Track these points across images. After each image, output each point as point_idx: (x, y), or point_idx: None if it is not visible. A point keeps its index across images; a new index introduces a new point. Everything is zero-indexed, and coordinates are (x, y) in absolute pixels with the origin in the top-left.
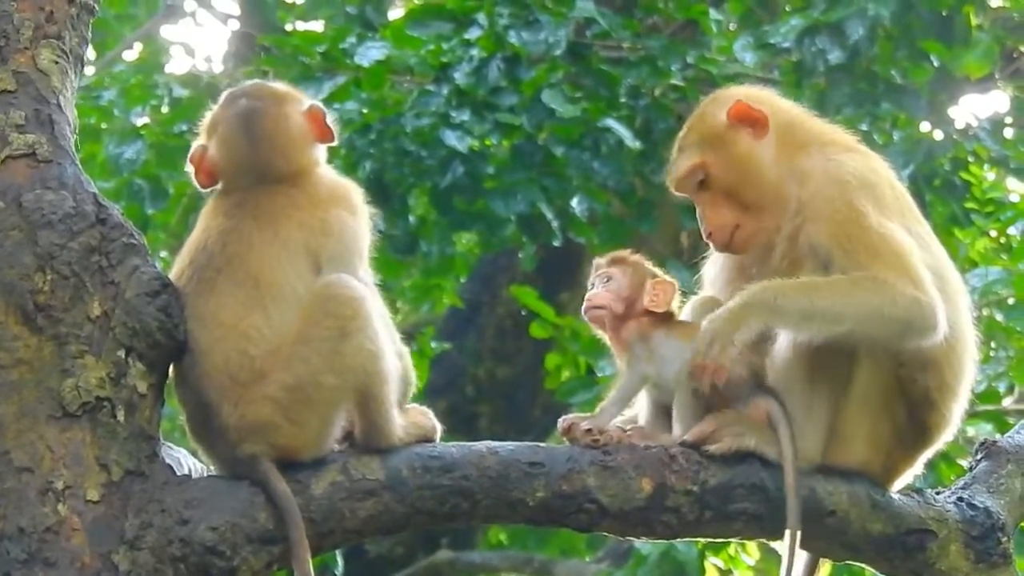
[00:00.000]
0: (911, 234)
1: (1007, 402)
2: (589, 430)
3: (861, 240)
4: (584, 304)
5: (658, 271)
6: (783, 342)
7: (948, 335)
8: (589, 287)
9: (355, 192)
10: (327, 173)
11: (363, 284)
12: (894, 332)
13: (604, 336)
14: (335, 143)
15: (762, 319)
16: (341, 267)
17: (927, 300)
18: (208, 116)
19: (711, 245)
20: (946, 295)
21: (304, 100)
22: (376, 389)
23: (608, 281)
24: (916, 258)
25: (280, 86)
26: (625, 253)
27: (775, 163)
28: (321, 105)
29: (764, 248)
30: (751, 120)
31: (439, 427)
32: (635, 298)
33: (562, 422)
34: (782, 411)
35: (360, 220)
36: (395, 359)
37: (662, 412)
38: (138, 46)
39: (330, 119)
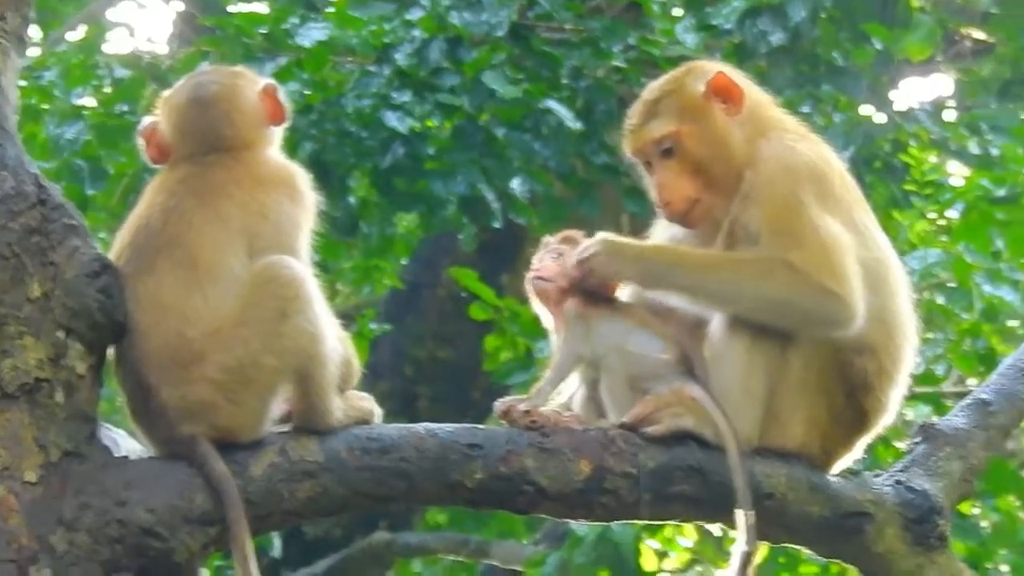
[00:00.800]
0: (855, 226)
1: (946, 385)
2: (527, 412)
3: (791, 227)
4: (530, 273)
5: (577, 234)
6: (718, 320)
7: (887, 321)
8: (535, 261)
9: (300, 178)
10: (275, 156)
11: (300, 265)
12: (794, 320)
13: (543, 311)
14: (287, 124)
15: (646, 279)
16: (273, 254)
17: (842, 292)
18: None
19: (663, 214)
20: (884, 283)
21: (259, 80)
22: (315, 371)
23: (558, 257)
24: (843, 253)
25: (238, 68)
26: (577, 233)
27: (743, 143)
28: (276, 83)
29: (712, 227)
30: (729, 95)
31: (378, 411)
32: (577, 275)
33: (499, 404)
34: (707, 395)
35: (300, 208)
36: (336, 341)
37: (597, 395)
38: (83, 27)
39: (283, 97)
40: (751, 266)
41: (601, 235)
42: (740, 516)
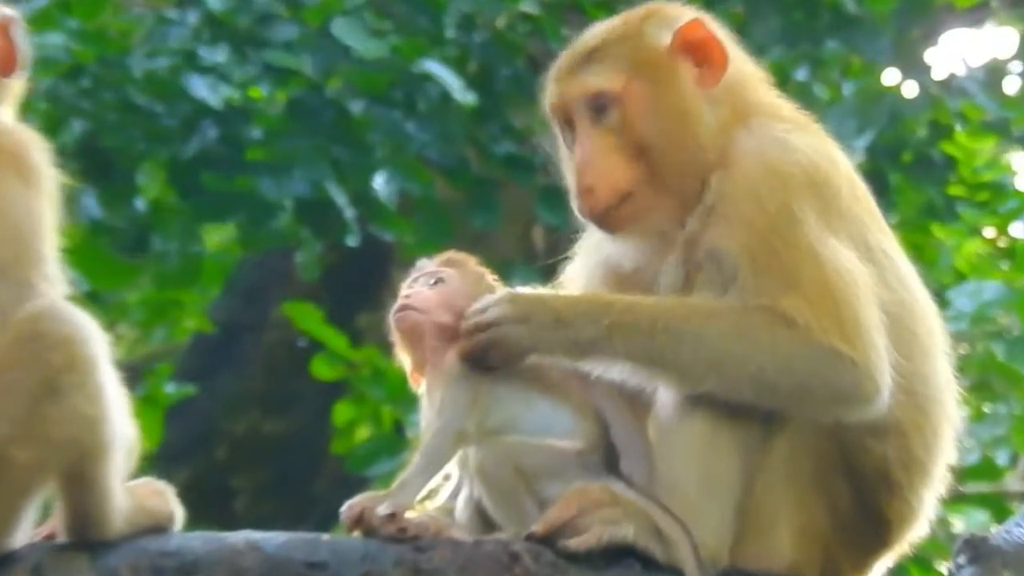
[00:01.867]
0: (870, 253)
1: (1009, 481)
2: (391, 516)
3: (782, 259)
4: (397, 303)
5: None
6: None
7: (918, 390)
8: (404, 288)
9: (34, 149)
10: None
11: (81, 314)
12: (791, 400)
13: (410, 358)
14: (21, 76)
15: (573, 350)
16: (12, 268)
17: (858, 358)
18: None
19: (577, 206)
20: (912, 336)
21: None
22: (91, 467)
23: (436, 283)
24: (858, 296)
25: None
26: (464, 256)
27: (716, 132)
28: (15, 17)
29: (661, 243)
30: (706, 54)
31: (179, 512)
32: (444, 333)
33: (348, 508)
34: (652, 505)
35: (37, 192)
36: (125, 422)
37: None
38: None
39: (20, 36)
40: (725, 322)
41: (504, 292)
42: None
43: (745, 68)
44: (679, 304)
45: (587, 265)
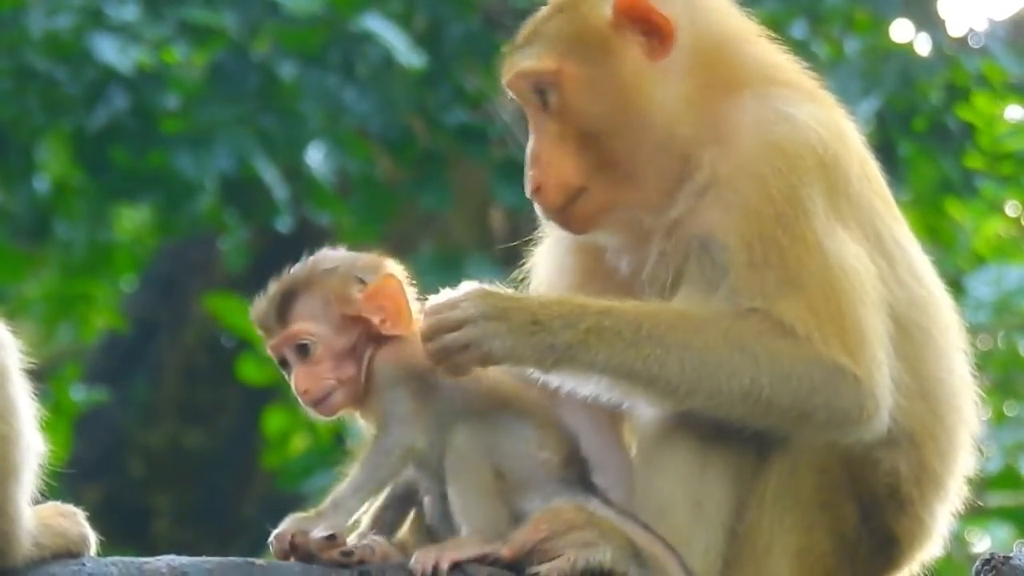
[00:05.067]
0: (880, 243)
1: None
2: (331, 537)
3: (785, 253)
4: (301, 399)
5: (369, 261)
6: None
7: (931, 393)
8: (279, 365)
9: None
10: None
11: None
12: (789, 421)
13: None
14: None
15: (545, 359)
16: None
17: (860, 374)
18: None
19: (535, 206)
20: (926, 336)
21: None
22: None
23: (301, 348)
24: (863, 303)
25: None
26: (297, 271)
27: (683, 106)
28: None
29: (633, 240)
30: (647, 25)
31: (91, 535)
32: (354, 330)
33: (277, 540)
34: (633, 524)
35: None
36: (33, 436)
37: (443, 513)
38: None
39: None
40: (715, 330)
41: (471, 285)
42: None
43: (728, 26)
44: (664, 309)
45: (557, 252)
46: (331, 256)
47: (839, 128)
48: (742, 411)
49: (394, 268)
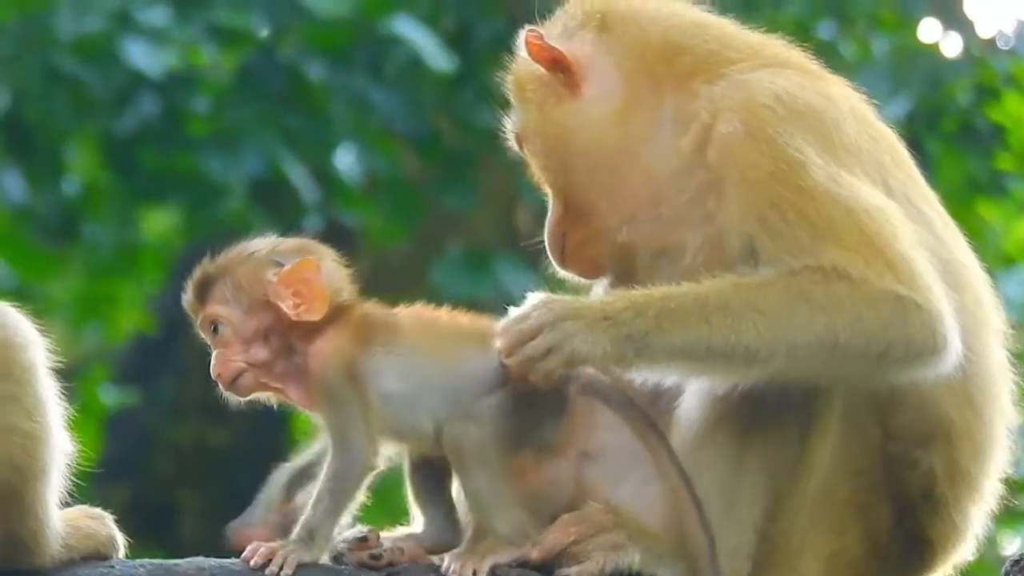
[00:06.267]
0: (892, 195)
1: None
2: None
3: (799, 210)
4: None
5: (291, 245)
6: (692, 393)
7: (970, 375)
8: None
9: None
10: None
11: (16, 315)
12: (873, 363)
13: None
14: None
15: (625, 355)
16: None
17: (920, 300)
18: None
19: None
20: (956, 304)
21: None
22: (26, 488)
23: (215, 329)
24: (896, 236)
25: None
26: (222, 258)
27: (617, 118)
28: None
29: (631, 260)
30: (554, 65)
31: (119, 537)
32: (265, 313)
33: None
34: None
35: None
36: (62, 437)
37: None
38: None
39: None
40: (776, 289)
41: (536, 296)
42: None
43: (670, 25)
44: (721, 282)
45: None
46: (256, 241)
47: (816, 86)
48: (822, 364)
49: (318, 251)
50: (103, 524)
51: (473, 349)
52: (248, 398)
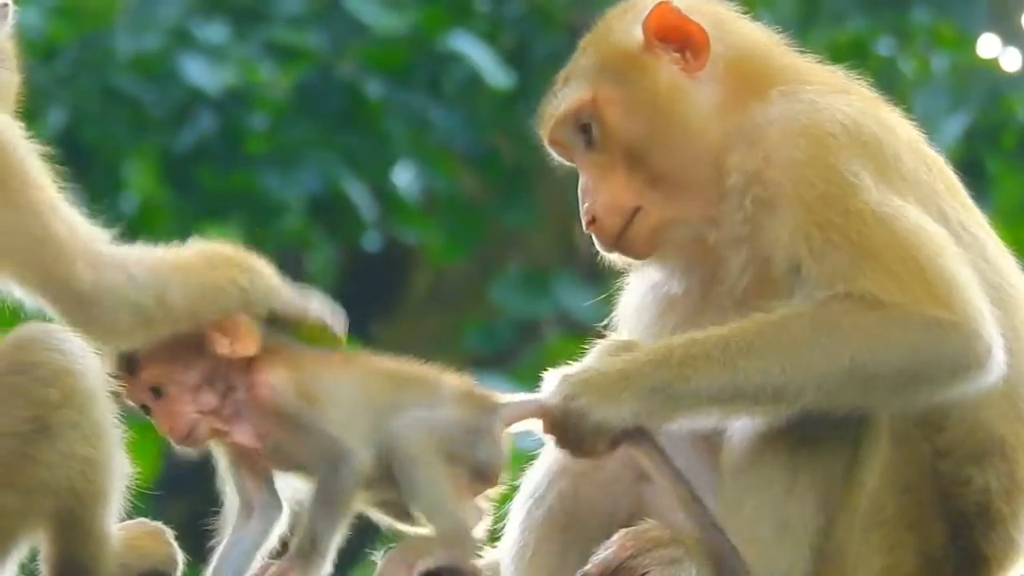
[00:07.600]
0: (946, 225)
1: None
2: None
3: (845, 231)
4: (168, 437)
5: None
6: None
7: (1017, 391)
8: (141, 410)
9: (7, 127)
10: None
11: (77, 341)
12: (904, 387)
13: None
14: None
15: (655, 413)
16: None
17: (957, 319)
18: None
19: (594, 240)
20: (1008, 330)
21: None
22: (85, 512)
23: (156, 392)
24: (940, 254)
25: None
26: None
27: (717, 114)
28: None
29: (693, 259)
30: (682, 39)
31: (178, 554)
32: (202, 360)
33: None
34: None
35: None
36: (123, 457)
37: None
38: None
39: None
40: (800, 324)
41: (559, 374)
42: None
43: (754, 37)
44: (744, 323)
45: (637, 293)
46: None
47: (876, 115)
48: (856, 392)
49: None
50: (163, 541)
51: (409, 391)
52: (200, 445)
